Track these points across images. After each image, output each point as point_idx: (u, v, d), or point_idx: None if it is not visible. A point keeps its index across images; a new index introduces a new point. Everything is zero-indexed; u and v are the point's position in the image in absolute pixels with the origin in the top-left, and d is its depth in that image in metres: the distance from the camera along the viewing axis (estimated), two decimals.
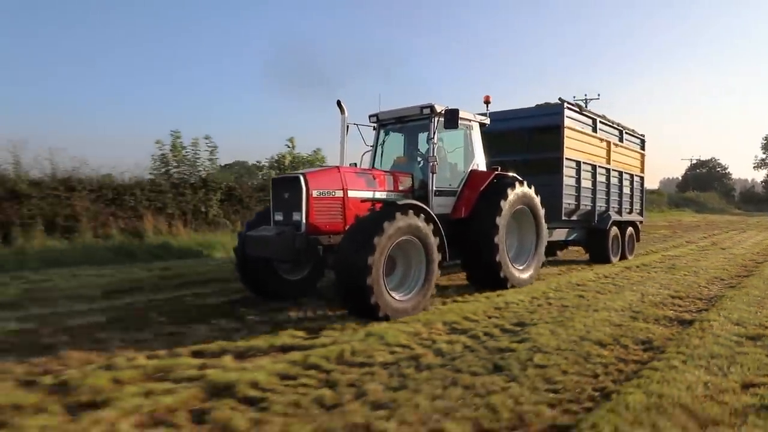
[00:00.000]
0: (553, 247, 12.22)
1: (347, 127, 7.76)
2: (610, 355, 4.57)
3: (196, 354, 4.59)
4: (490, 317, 6.12)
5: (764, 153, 75.99)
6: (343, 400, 3.51)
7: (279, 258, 6.55)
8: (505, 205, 7.53)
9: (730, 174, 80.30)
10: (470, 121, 8.11)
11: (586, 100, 41.59)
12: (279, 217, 6.60)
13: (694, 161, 79.47)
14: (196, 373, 4.01)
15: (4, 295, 7.23)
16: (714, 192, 66.65)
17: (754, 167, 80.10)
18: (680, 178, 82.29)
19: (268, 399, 3.52)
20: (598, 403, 3.43)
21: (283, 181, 6.61)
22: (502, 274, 7.51)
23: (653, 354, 4.59)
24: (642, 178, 14.09)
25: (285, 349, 4.76)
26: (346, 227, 6.33)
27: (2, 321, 5.81)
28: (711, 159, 79.59)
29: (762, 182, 78.16)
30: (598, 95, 49.61)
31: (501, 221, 7.43)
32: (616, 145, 12.35)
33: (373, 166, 8.28)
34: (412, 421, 3.17)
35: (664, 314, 6.20)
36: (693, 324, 5.64)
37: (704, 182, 72.58)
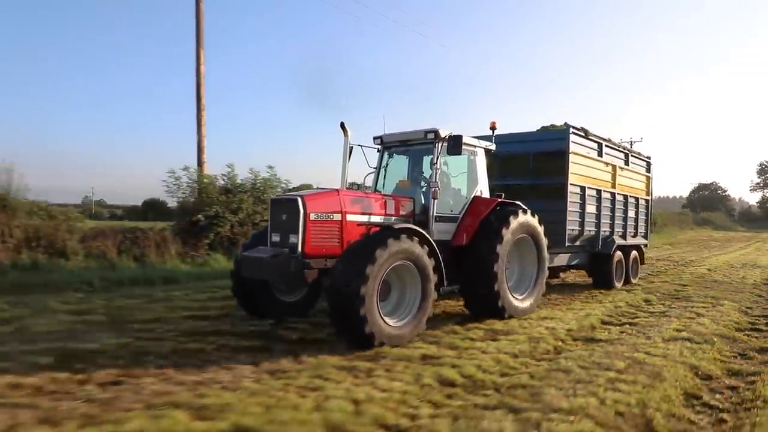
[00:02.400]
0: (556, 271, 12.14)
1: (351, 148, 7.70)
2: None
3: None
4: None
5: (759, 177, 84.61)
6: None
7: (272, 280, 6.50)
8: (506, 234, 7.42)
9: (730, 195, 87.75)
10: (475, 147, 8.04)
11: (631, 142, 42.75)
12: (276, 238, 6.53)
13: (697, 185, 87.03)
14: None
15: None
16: (719, 212, 72.47)
17: (750, 190, 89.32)
18: (677, 197, 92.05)
19: None
20: None
21: (281, 203, 6.57)
22: (500, 304, 7.39)
23: None
24: (648, 201, 13.96)
25: None
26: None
27: None
28: (712, 183, 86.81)
29: (757, 203, 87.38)
30: (641, 138, 53.12)
31: (501, 250, 7.32)
32: (622, 168, 12.23)
33: (376, 189, 8.21)
34: None
35: None
36: None
37: (708, 203, 78.61)
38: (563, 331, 6.92)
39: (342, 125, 7.41)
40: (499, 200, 7.90)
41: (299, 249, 6.14)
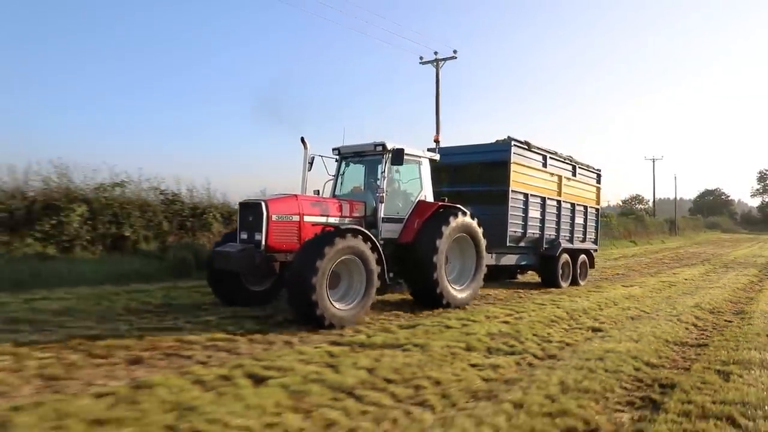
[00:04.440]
0: (511, 270, 13.32)
1: (312, 159, 8.85)
2: None
3: None
4: None
5: (759, 184, 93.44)
6: None
7: (240, 271, 7.59)
8: (445, 231, 8.53)
9: (733, 200, 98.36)
10: (420, 157, 9.21)
11: (653, 159, 53.02)
12: (244, 236, 7.65)
13: (703, 190, 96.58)
14: None
15: None
16: (724, 216, 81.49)
17: (751, 196, 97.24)
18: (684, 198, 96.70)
19: None
20: None
21: (248, 206, 7.68)
22: (440, 294, 8.49)
23: None
24: (597, 210, 15.16)
25: None
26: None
27: None
28: (716, 189, 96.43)
29: (757, 207, 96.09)
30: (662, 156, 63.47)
31: (440, 246, 8.42)
32: (569, 179, 13.44)
33: (334, 194, 9.34)
34: None
35: None
36: None
37: (713, 208, 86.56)
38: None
39: (302, 140, 8.58)
40: (441, 204, 9.05)
41: (263, 245, 7.28)
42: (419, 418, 3.90)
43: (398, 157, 8.11)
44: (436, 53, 25.72)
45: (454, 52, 25.68)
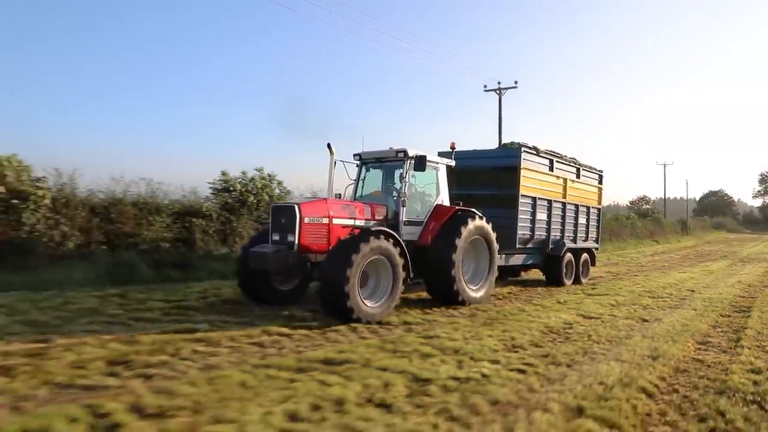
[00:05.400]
0: (515, 270, 13.85)
1: (335, 164, 9.35)
2: None
3: None
4: None
5: (760, 186, 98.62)
6: None
7: (275, 271, 8.09)
8: (462, 236, 9.07)
9: (733, 200, 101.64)
10: (437, 163, 9.73)
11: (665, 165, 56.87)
12: (276, 237, 8.14)
13: (706, 192, 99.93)
14: None
15: None
16: (727, 217, 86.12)
17: (752, 197, 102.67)
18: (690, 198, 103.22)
19: None
20: None
21: (281, 209, 8.19)
22: (457, 293, 9.03)
23: None
24: (599, 210, 15.70)
25: None
26: (330, 247, 7.88)
27: None
28: (719, 190, 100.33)
29: (759, 208, 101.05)
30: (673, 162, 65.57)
31: (458, 249, 8.96)
32: (573, 181, 13.97)
33: (354, 197, 9.84)
34: None
35: None
36: None
37: (717, 209, 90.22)
38: None
39: (329, 146, 9.07)
40: (457, 208, 9.57)
41: (296, 245, 7.78)
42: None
43: (421, 163, 8.62)
44: (499, 83, 30.74)
45: (515, 82, 30.53)
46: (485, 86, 31.16)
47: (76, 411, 3.82)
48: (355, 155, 9.85)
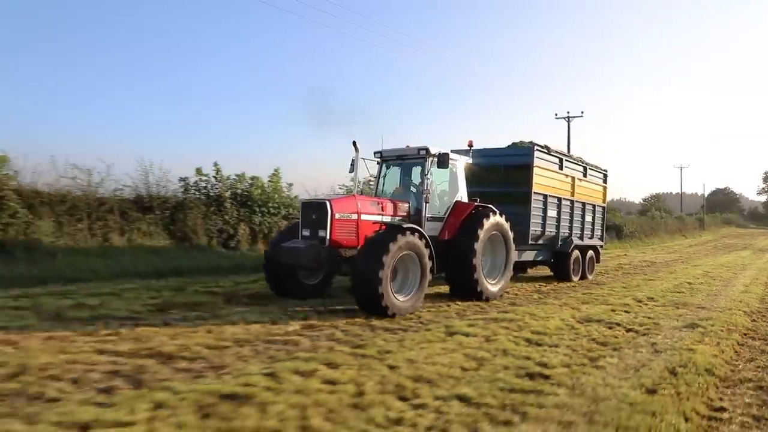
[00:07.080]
0: (523, 265, 14.21)
1: (358, 161, 9.63)
2: None
3: None
4: None
5: (765, 183, 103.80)
6: None
7: (307, 266, 8.34)
8: (481, 232, 9.38)
9: (740, 197, 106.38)
10: (456, 161, 10.03)
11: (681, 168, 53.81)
12: (306, 233, 8.39)
13: (714, 189, 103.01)
14: None
15: None
16: (735, 213, 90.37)
17: (757, 194, 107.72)
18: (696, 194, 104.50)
19: None
20: None
21: (312, 205, 8.45)
22: (477, 287, 9.35)
23: None
24: (604, 208, 16.13)
25: None
26: (359, 243, 8.17)
27: None
28: (726, 187, 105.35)
29: (763, 204, 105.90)
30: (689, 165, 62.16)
31: (478, 245, 9.27)
32: (581, 179, 14.36)
33: (376, 194, 10.13)
34: None
35: None
36: None
37: (724, 205, 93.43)
38: None
39: (354, 143, 9.35)
40: (476, 204, 9.89)
41: (327, 240, 8.05)
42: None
43: (444, 161, 8.91)
44: (568, 112, 37.86)
45: (582, 112, 37.55)
46: (556, 114, 38.48)
47: None
48: (375, 153, 10.11)
